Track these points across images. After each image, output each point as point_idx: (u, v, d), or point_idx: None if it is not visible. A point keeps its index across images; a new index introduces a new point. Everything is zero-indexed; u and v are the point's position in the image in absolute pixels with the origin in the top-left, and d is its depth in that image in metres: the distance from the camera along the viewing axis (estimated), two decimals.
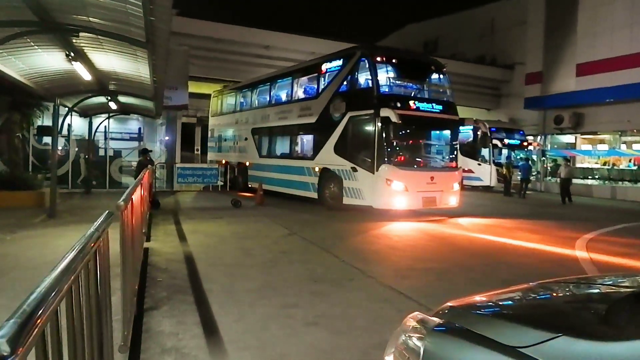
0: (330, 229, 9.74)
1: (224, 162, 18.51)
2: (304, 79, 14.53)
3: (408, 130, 11.37)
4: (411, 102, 11.36)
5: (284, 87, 15.54)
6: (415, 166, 11.51)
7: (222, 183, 17.62)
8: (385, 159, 10.79)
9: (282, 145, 15.42)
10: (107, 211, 2.59)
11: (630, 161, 21.89)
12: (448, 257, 7.46)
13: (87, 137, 16.40)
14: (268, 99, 16.27)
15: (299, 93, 14.59)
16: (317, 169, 12.84)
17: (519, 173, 19.59)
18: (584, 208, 16.08)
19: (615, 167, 22.08)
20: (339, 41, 23.40)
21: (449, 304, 1.94)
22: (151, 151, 14.86)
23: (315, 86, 13.60)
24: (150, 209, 10.27)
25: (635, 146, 22.04)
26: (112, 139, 17.99)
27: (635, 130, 20.28)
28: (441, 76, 12.56)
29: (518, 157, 21.83)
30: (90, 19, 6.70)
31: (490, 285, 5.48)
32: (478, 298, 2.04)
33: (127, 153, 17.46)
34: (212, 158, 20.83)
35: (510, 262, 7.01)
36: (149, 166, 11.61)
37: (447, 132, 12.30)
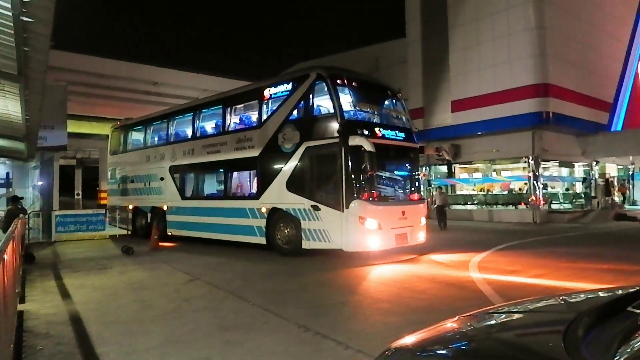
0: (235, 270, 9.29)
1: (131, 207, 16.39)
2: (241, 106, 12.83)
3: (378, 160, 10.06)
4: (378, 129, 10.37)
5: (213, 116, 13.63)
6: (387, 200, 10.40)
7: (129, 232, 16.15)
8: (355, 194, 9.53)
9: (214, 184, 13.51)
10: None
11: (500, 187, 24.60)
12: (361, 287, 7.48)
13: None
14: (192, 130, 14.10)
15: (234, 123, 12.85)
16: (264, 210, 11.15)
17: None
18: (467, 231, 17.48)
19: (489, 193, 24.60)
20: (231, 78, 23.37)
21: (392, 345, 1.82)
22: (22, 198, 13.23)
23: (257, 114, 11.98)
24: (23, 264, 8.97)
25: (503, 173, 24.89)
26: None
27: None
28: (399, 102, 11.95)
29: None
30: None
31: (400, 314, 5.62)
32: (420, 336, 1.95)
33: None
34: (114, 203, 17.77)
35: (415, 289, 7.23)
36: (21, 215, 10.32)
37: (412, 161, 11.42)
